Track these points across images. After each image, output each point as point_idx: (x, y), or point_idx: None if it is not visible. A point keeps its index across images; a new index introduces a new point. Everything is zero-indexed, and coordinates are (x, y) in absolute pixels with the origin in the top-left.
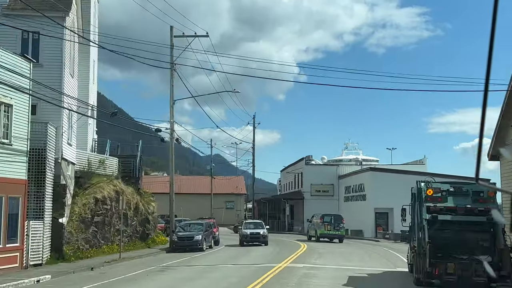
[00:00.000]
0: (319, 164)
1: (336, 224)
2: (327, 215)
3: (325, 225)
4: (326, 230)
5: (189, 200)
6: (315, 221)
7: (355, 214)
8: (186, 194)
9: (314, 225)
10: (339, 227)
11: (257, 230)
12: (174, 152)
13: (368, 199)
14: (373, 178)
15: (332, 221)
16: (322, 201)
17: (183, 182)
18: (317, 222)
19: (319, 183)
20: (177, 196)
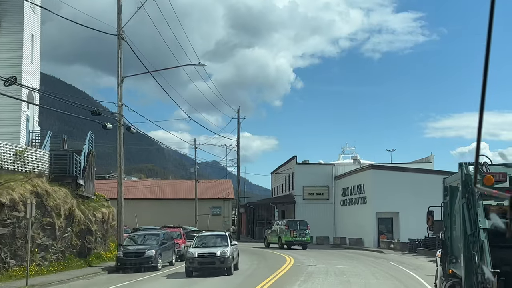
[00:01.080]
0: (312, 164)
1: (302, 230)
2: (293, 221)
3: (291, 231)
4: (292, 236)
5: (172, 206)
6: (277, 227)
7: (354, 220)
8: (168, 200)
9: (277, 232)
10: (304, 234)
11: (213, 250)
12: (123, 142)
13: (369, 202)
14: (374, 177)
15: (298, 227)
16: (315, 205)
17: (165, 187)
18: (282, 229)
19: (312, 184)
20: (158, 202)
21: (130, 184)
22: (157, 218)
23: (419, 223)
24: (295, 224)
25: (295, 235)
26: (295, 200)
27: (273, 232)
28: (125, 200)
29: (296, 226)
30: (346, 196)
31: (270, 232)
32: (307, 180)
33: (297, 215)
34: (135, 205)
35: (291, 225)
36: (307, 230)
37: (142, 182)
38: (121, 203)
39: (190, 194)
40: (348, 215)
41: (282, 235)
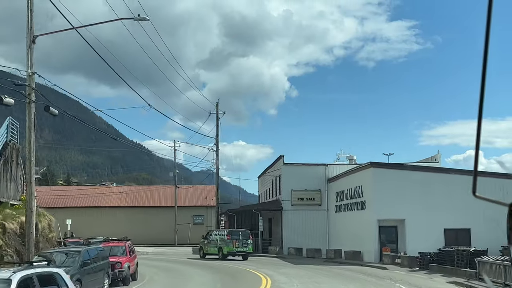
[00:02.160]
0: (301, 164)
1: (244, 240)
2: (235, 231)
3: (233, 241)
4: (234, 247)
5: (149, 215)
6: (217, 238)
7: (351, 229)
8: (145, 208)
9: (216, 242)
10: (247, 244)
11: None
12: (35, 126)
13: (369, 207)
14: (375, 177)
15: (241, 237)
16: (306, 211)
17: (140, 193)
18: (223, 239)
19: (302, 188)
20: (133, 210)
21: (104, 191)
22: (132, 228)
23: (430, 232)
24: (237, 234)
25: (238, 245)
26: (282, 206)
27: (212, 242)
28: (98, 208)
29: (239, 236)
30: (341, 201)
31: (208, 243)
32: (296, 183)
33: (284, 223)
34: (108, 213)
35: (233, 235)
36: (249, 240)
37: (117, 189)
38: (30, 208)
39: (170, 201)
40: (344, 223)
41: (223, 246)
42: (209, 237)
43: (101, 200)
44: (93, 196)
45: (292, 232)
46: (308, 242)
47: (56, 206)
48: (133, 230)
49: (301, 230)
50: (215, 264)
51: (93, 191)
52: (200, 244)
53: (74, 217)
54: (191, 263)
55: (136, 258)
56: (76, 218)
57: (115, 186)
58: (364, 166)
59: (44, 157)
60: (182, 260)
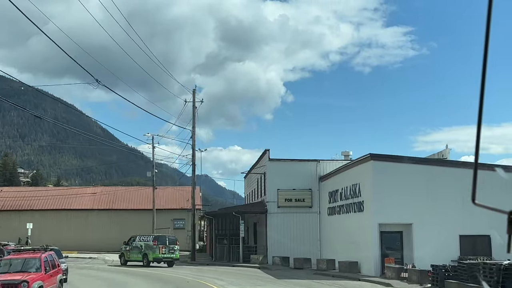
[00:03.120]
0: (289, 160)
1: (171, 246)
2: (162, 236)
3: (160, 247)
4: (160, 253)
5: (125, 218)
6: (141, 243)
7: (346, 236)
8: (121, 211)
9: (140, 248)
10: (173, 250)
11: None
12: None
13: (368, 209)
14: (376, 173)
15: (168, 243)
16: (294, 214)
17: (116, 195)
18: (149, 245)
19: (290, 187)
20: (107, 213)
21: (76, 192)
22: (105, 233)
23: (442, 239)
24: (164, 240)
25: (164, 251)
26: (267, 209)
27: (135, 248)
28: (67, 211)
29: (165, 242)
30: (335, 202)
31: (130, 249)
32: (283, 182)
33: (269, 228)
34: (79, 217)
35: (160, 241)
36: (176, 247)
37: (90, 189)
38: None
39: (148, 203)
40: (338, 229)
41: (149, 252)
42: (132, 243)
43: (72, 202)
44: (63, 197)
45: (278, 239)
46: (296, 250)
47: (21, 208)
48: (107, 235)
49: (288, 236)
50: (172, 277)
51: (62, 192)
52: (121, 251)
53: (40, 220)
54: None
55: (58, 274)
56: (42, 222)
57: (88, 187)
58: (362, 159)
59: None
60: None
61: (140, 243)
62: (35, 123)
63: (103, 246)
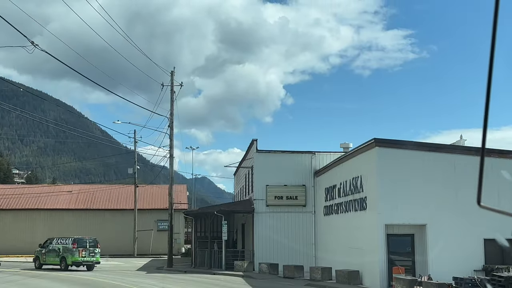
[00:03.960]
0: (279, 152)
1: (91, 249)
2: (82, 239)
3: (79, 250)
4: (80, 256)
5: (105, 219)
6: (59, 246)
7: (345, 239)
8: (100, 211)
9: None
10: (94, 253)
11: None
12: None
13: (372, 206)
14: (382, 162)
15: (88, 245)
16: (286, 214)
17: (97, 194)
18: (68, 248)
19: (280, 183)
20: (85, 214)
21: (51, 190)
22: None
23: (464, 244)
24: (84, 242)
25: (84, 255)
26: (254, 208)
27: (52, 251)
28: (41, 211)
29: (86, 245)
30: (332, 199)
31: (47, 252)
32: (273, 177)
33: (256, 229)
34: (55, 217)
35: (80, 244)
36: (97, 249)
37: (68, 187)
38: None
39: (130, 203)
40: (336, 231)
41: (67, 255)
42: (49, 246)
43: (47, 201)
44: (37, 196)
45: (266, 242)
46: (287, 256)
47: None
48: None
49: (278, 240)
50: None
51: (36, 190)
52: (36, 254)
53: (9, 221)
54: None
55: None
56: (13, 223)
57: (65, 185)
58: (365, 146)
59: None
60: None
61: (58, 246)
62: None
63: None
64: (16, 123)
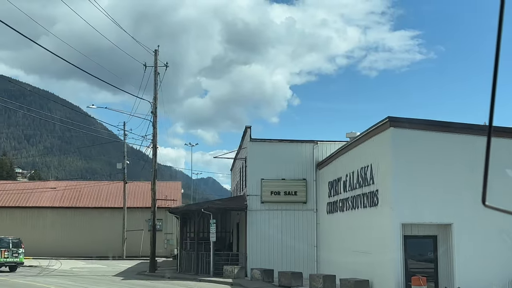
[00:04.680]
0: (277, 141)
1: (14, 250)
2: (4, 239)
3: (1, 251)
4: (2, 257)
5: (92, 218)
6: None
7: (352, 242)
8: (87, 209)
9: None
10: (18, 254)
11: None
12: None
13: (386, 202)
14: (398, 146)
15: (10, 246)
16: (283, 212)
17: (85, 191)
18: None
19: (278, 177)
20: (71, 212)
21: (33, 186)
22: (68, 236)
23: (500, 247)
24: (6, 243)
25: (7, 255)
26: (247, 204)
27: None
28: (21, 209)
29: (8, 245)
30: (336, 194)
31: None
32: (270, 170)
33: (250, 230)
34: (37, 216)
35: (1, 244)
36: (21, 250)
37: (51, 184)
38: None
39: (119, 201)
40: (341, 232)
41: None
42: None
43: (27, 198)
44: (16, 193)
45: (260, 244)
46: (284, 261)
47: None
48: (69, 238)
49: (274, 241)
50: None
51: (15, 186)
52: None
53: None
54: None
55: None
56: None
57: (49, 181)
58: (377, 126)
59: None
60: None
61: None
62: (40, 125)
63: (62, 250)
64: (22, 122)
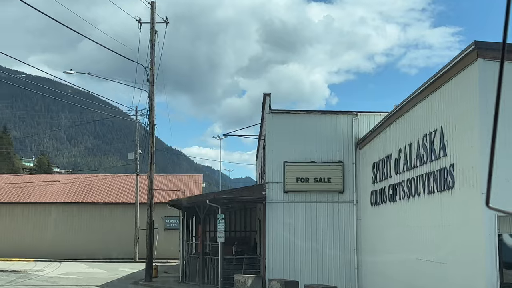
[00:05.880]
0: (304, 112)
1: None
2: None
3: None
4: None
5: (102, 215)
6: None
7: (412, 246)
8: (97, 205)
9: None
10: None
11: None
12: None
13: (468, 182)
14: (490, 91)
15: None
16: (314, 205)
17: (94, 185)
18: None
19: (305, 159)
20: (79, 208)
21: (35, 179)
22: (74, 235)
23: None
24: None
25: None
26: (266, 195)
27: None
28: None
29: None
30: (385, 178)
31: None
32: (295, 150)
33: (269, 228)
34: (39, 213)
35: None
36: None
37: (58, 177)
38: None
39: (133, 196)
40: (392, 230)
41: None
42: None
43: (30, 193)
44: (17, 188)
45: (282, 247)
46: (312, 270)
47: None
48: (76, 238)
49: (300, 243)
50: None
51: (17, 179)
52: None
53: None
54: None
55: None
56: None
57: (53, 173)
58: (458, 60)
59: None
60: None
61: None
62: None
63: (65, 251)
64: (64, 124)
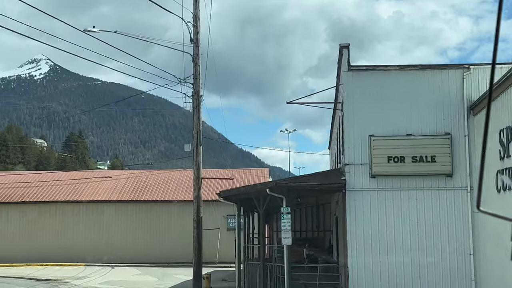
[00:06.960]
0: (395, 69)
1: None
2: None
3: None
4: None
5: (157, 214)
6: None
7: None
8: (151, 203)
9: None
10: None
11: None
12: None
13: None
14: None
15: None
16: (412, 192)
17: (150, 181)
18: None
19: (398, 131)
20: (132, 207)
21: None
22: (129, 236)
23: None
24: None
25: None
26: (346, 180)
27: None
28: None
29: None
30: None
31: None
32: (383, 120)
33: (351, 224)
34: (91, 212)
35: None
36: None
37: (111, 173)
38: None
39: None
40: None
41: None
42: None
43: (80, 191)
44: (67, 185)
45: (369, 251)
46: (412, 282)
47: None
48: (130, 239)
49: (395, 246)
50: None
51: (67, 176)
52: None
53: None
54: None
55: None
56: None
57: (105, 170)
58: None
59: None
60: None
61: None
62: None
63: (119, 254)
64: (138, 128)
